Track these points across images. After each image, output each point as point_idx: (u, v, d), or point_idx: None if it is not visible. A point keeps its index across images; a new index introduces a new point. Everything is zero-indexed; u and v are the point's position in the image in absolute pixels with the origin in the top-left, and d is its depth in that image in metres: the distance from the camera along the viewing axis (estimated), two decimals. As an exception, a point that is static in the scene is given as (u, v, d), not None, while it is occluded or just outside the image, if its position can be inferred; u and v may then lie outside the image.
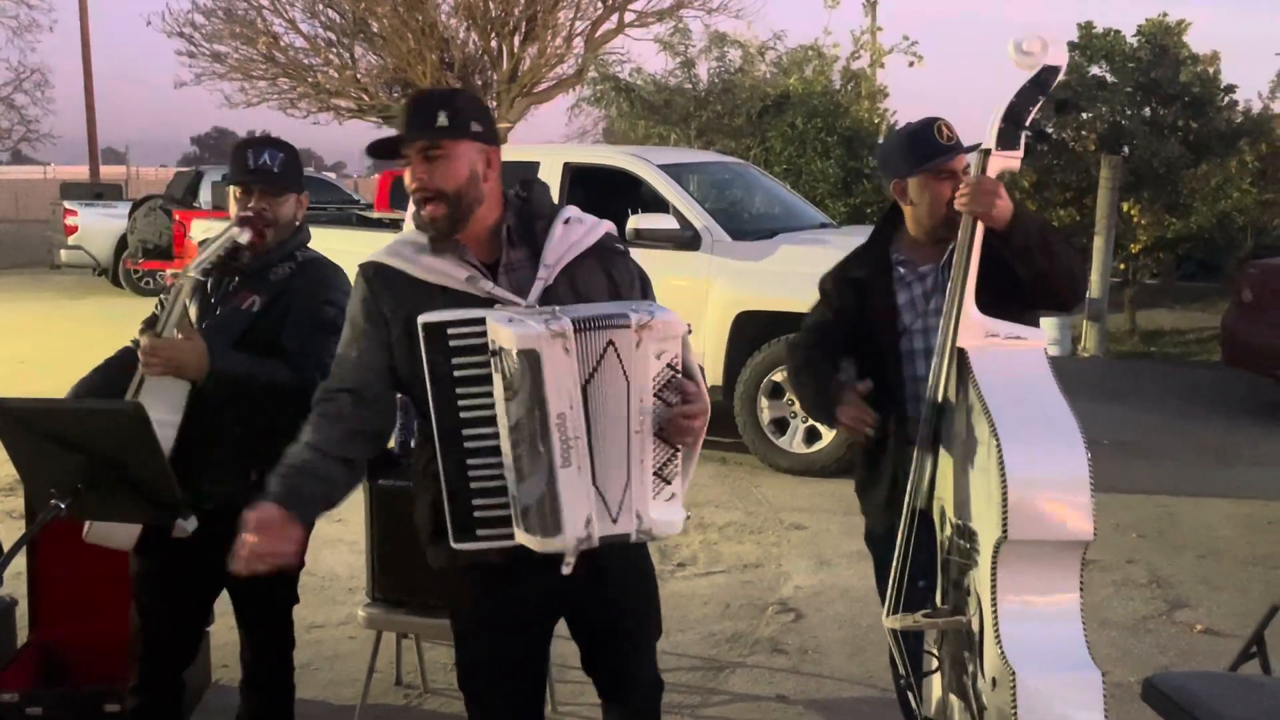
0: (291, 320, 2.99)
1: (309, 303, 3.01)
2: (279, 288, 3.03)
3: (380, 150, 2.48)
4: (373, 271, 2.51)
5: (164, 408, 2.79)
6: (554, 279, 2.46)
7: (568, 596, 2.54)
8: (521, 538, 2.33)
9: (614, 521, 2.35)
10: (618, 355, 2.30)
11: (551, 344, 2.25)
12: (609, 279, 2.52)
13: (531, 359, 2.24)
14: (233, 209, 3.08)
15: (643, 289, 2.59)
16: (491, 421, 2.33)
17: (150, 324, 2.99)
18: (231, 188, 3.10)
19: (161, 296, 3.16)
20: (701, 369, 2.55)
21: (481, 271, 2.44)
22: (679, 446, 2.41)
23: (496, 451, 2.33)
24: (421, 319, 2.33)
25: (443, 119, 2.40)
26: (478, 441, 2.35)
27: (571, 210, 2.58)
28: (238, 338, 2.95)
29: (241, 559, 2.32)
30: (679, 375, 2.38)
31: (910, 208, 3.08)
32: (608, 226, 2.61)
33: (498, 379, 2.29)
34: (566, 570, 2.37)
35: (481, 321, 2.30)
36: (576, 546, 2.32)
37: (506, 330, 2.25)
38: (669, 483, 2.40)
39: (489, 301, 2.40)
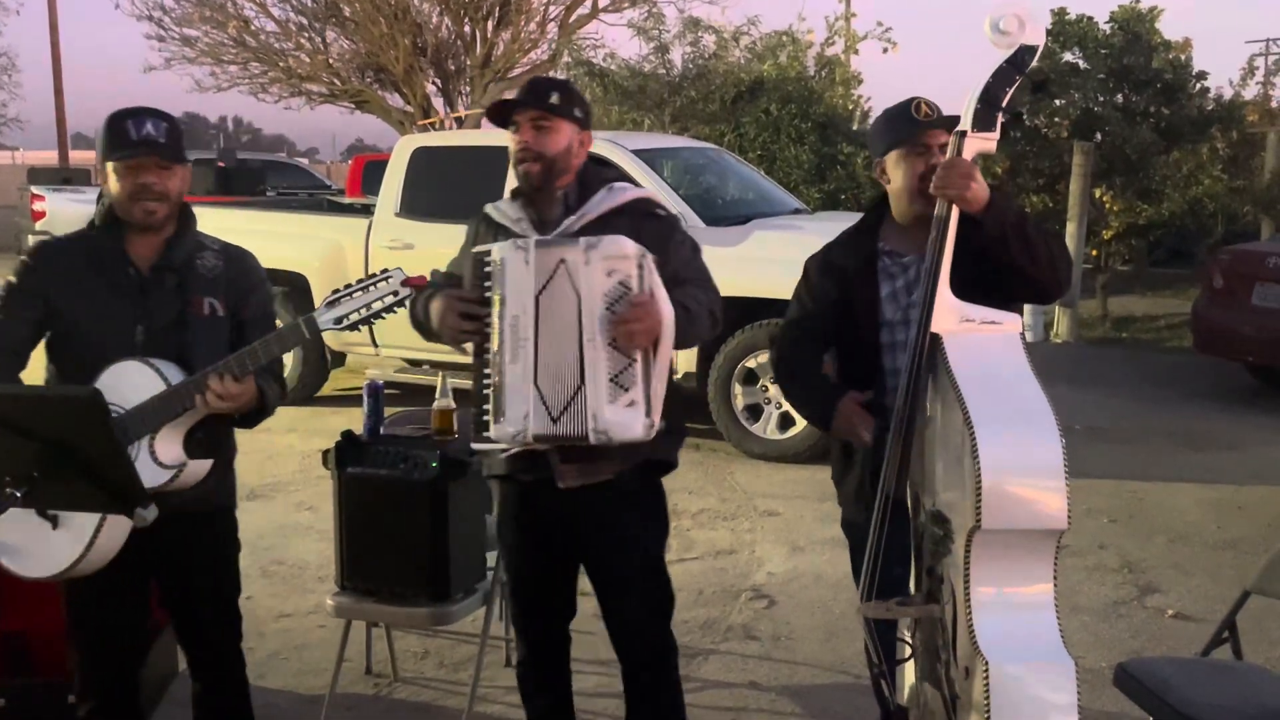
0: (253, 322, 2.96)
1: (262, 302, 3.00)
2: (219, 286, 2.93)
3: (496, 112, 2.97)
4: (479, 216, 3.09)
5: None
6: (579, 228, 2.88)
7: (575, 531, 2.98)
8: (489, 430, 2.73)
9: (554, 421, 2.69)
10: (568, 272, 2.69)
11: (515, 255, 2.72)
12: (637, 234, 2.80)
13: (499, 266, 2.73)
14: (114, 187, 2.82)
15: (682, 250, 2.96)
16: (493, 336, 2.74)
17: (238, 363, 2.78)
18: (109, 165, 2.81)
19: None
20: (711, 315, 2.92)
21: (532, 221, 2.94)
22: (634, 356, 2.68)
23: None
24: (472, 250, 2.86)
25: (555, 99, 2.91)
26: (487, 354, 2.76)
27: (621, 183, 3.04)
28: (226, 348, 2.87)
29: None
30: (631, 291, 2.67)
31: (890, 188, 3.06)
32: (649, 194, 3.06)
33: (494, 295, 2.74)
34: (562, 484, 2.84)
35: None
36: (513, 437, 2.71)
37: (494, 248, 2.76)
38: (626, 389, 2.68)
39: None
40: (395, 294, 2.75)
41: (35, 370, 3.01)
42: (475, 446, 2.83)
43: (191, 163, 3.04)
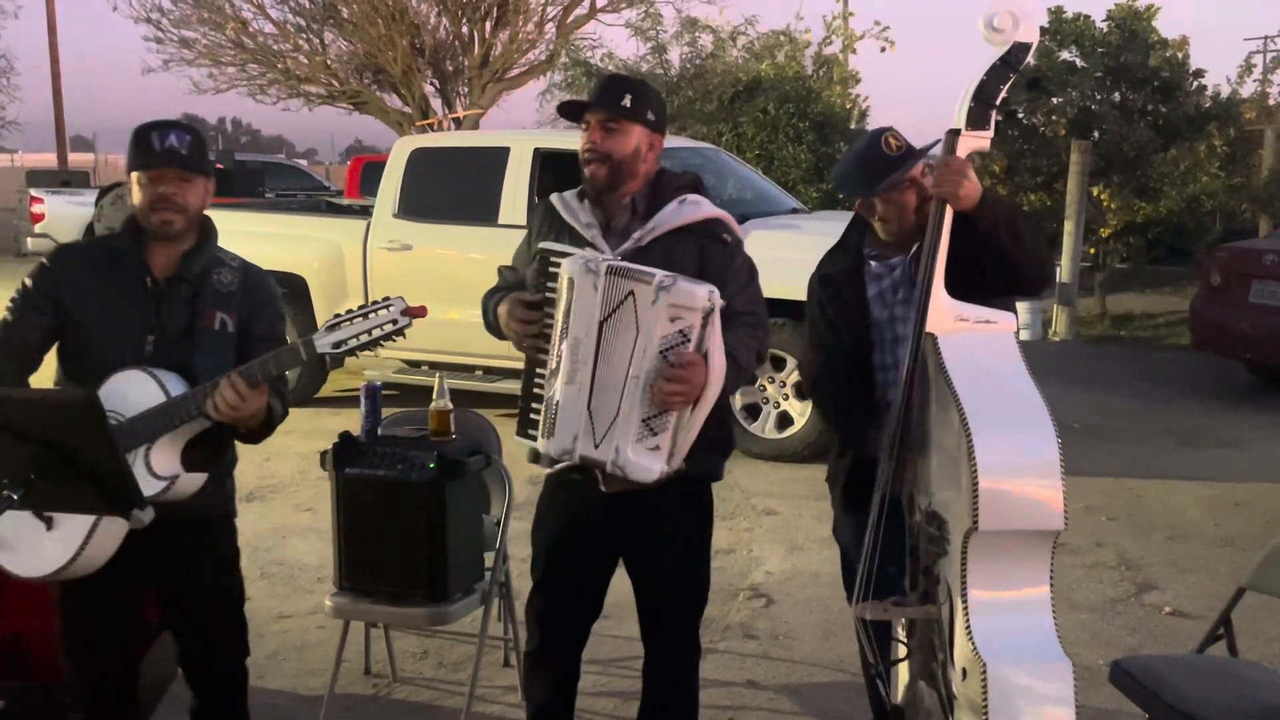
0: (260, 339, 2.93)
1: (272, 320, 2.99)
2: (233, 302, 2.93)
3: (569, 111, 2.98)
4: (543, 205, 3.04)
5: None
6: (648, 243, 2.85)
7: (619, 531, 2.99)
8: (538, 441, 2.80)
9: (596, 446, 2.73)
10: (634, 305, 2.68)
11: (585, 279, 2.70)
12: (700, 257, 2.85)
13: (569, 286, 2.72)
14: (137, 197, 2.86)
15: (739, 276, 2.92)
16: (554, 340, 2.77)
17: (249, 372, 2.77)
18: (134, 174, 2.85)
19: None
20: (757, 357, 2.92)
21: (600, 225, 2.89)
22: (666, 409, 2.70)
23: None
24: (540, 244, 2.85)
25: (627, 101, 2.86)
26: (544, 354, 2.79)
27: (694, 195, 2.96)
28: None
29: None
30: (689, 343, 2.67)
31: (880, 222, 3.08)
32: (721, 215, 2.95)
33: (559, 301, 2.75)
34: (606, 489, 2.83)
35: (567, 254, 2.76)
36: (561, 455, 2.76)
37: (565, 262, 2.74)
38: (655, 434, 2.72)
39: (591, 248, 2.83)
40: (394, 322, 2.73)
41: (46, 374, 3.03)
42: (518, 439, 2.90)
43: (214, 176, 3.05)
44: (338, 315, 2.77)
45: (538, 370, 2.81)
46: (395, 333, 2.75)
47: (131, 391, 2.77)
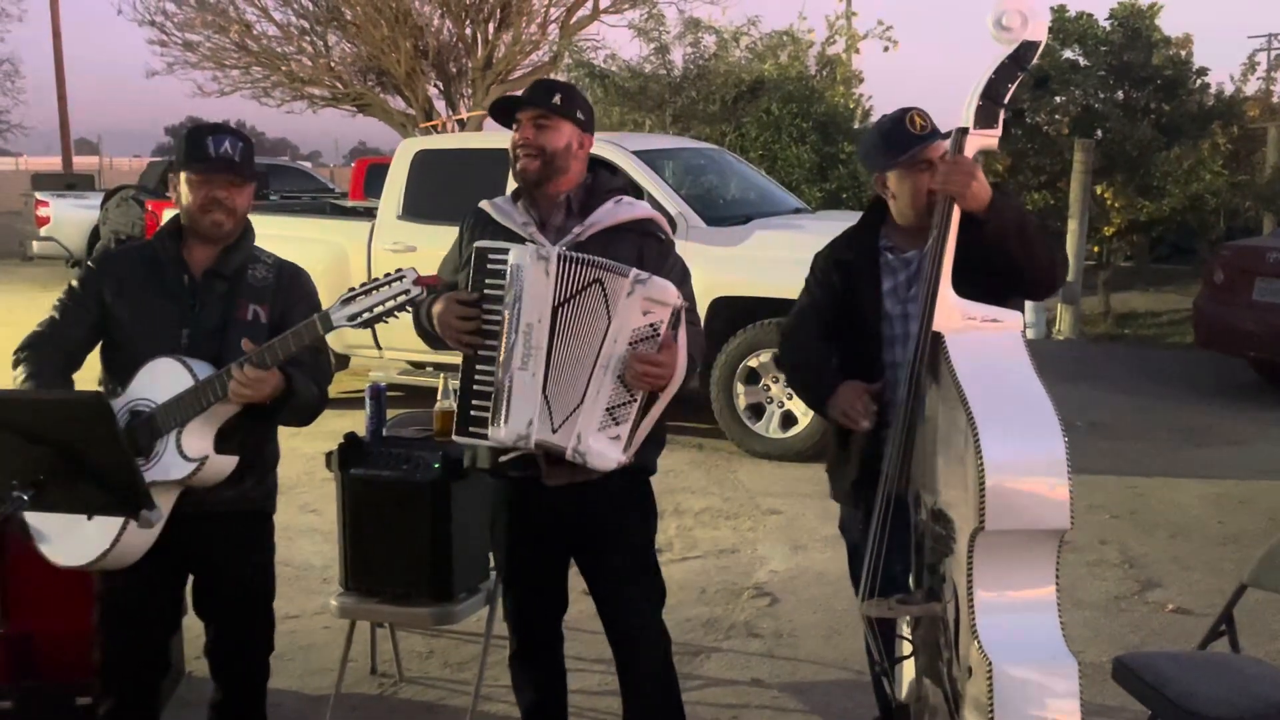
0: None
1: (307, 313, 3.00)
2: (267, 295, 3.02)
3: (500, 110, 3.05)
4: (473, 212, 3.11)
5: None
6: (586, 239, 2.90)
7: (565, 526, 3.02)
8: (489, 430, 2.78)
9: (554, 431, 2.77)
10: (604, 296, 2.75)
11: (535, 265, 2.76)
12: (638, 254, 2.91)
13: (516, 272, 2.76)
14: (184, 196, 2.97)
15: (674, 274, 2.93)
16: (499, 335, 2.77)
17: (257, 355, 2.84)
18: (183, 174, 2.97)
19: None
20: (694, 358, 2.93)
21: (536, 222, 2.95)
22: (635, 395, 2.77)
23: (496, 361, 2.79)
24: (475, 244, 2.88)
25: (557, 99, 2.96)
26: (488, 350, 2.80)
27: (628, 195, 3.06)
28: None
29: None
30: (658, 338, 2.75)
31: (893, 200, 3.08)
32: (655, 216, 3.05)
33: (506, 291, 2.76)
34: (549, 482, 2.88)
35: (507, 249, 2.80)
36: (516, 440, 2.77)
37: (513, 251, 2.79)
38: (617, 423, 2.78)
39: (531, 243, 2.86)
40: (407, 293, 2.79)
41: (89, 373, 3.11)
42: (459, 439, 2.88)
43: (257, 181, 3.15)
44: (351, 289, 2.84)
45: (479, 367, 2.81)
46: (409, 302, 2.80)
47: (163, 379, 2.87)
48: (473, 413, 2.81)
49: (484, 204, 3.09)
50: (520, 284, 2.75)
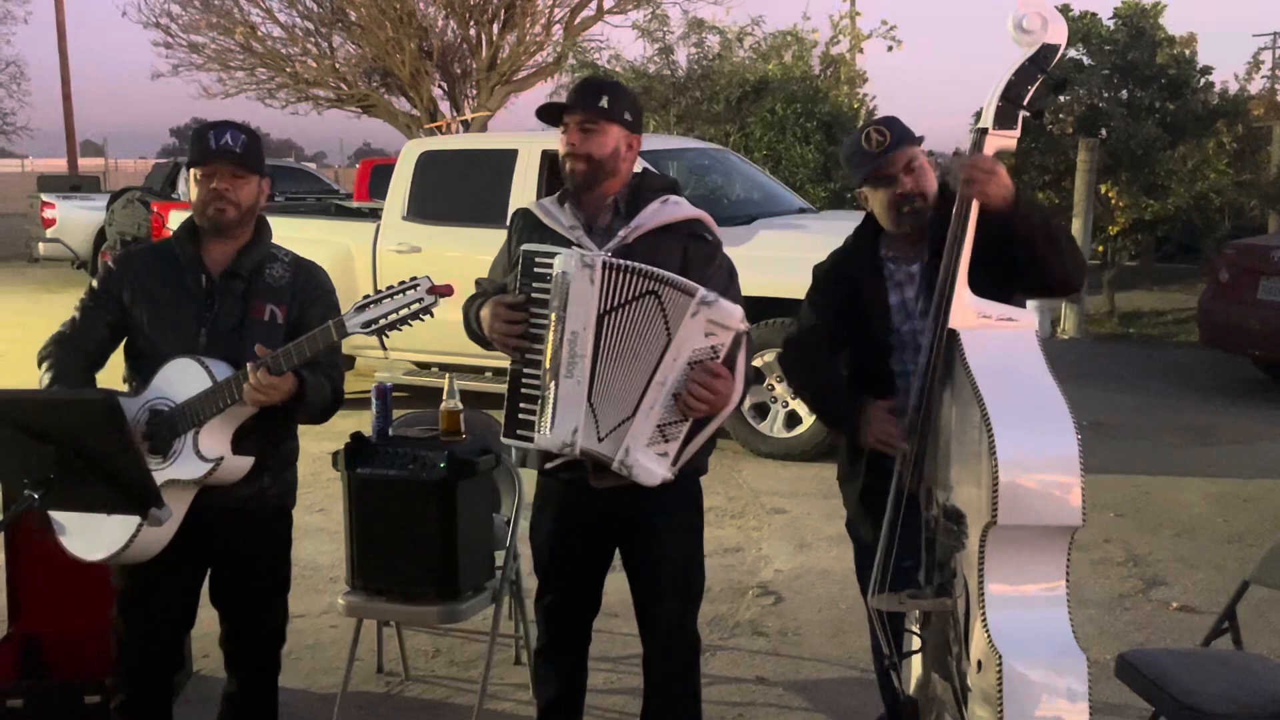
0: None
1: (325, 313, 3.03)
2: (284, 295, 3.05)
3: (547, 114, 2.98)
4: (521, 213, 3.07)
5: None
6: (633, 241, 2.89)
7: (613, 522, 3.02)
8: (535, 436, 2.77)
9: (600, 440, 2.76)
10: (663, 311, 2.73)
11: (580, 273, 2.72)
12: (683, 255, 2.90)
13: (562, 280, 2.72)
14: (194, 194, 3.01)
15: (720, 275, 2.94)
16: (545, 340, 2.76)
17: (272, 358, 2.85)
18: (192, 171, 3.01)
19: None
20: (748, 378, 2.89)
21: (583, 226, 2.92)
22: (687, 417, 2.75)
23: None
24: (523, 247, 2.84)
25: (604, 102, 2.90)
26: (534, 354, 2.78)
27: (675, 195, 3.03)
28: None
29: None
30: (718, 361, 2.74)
31: (874, 210, 3.13)
32: (702, 216, 3.03)
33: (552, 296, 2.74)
34: (595, 484, 2.86)
35: (554, 254, 2.76)
36: (561, 447, 2.75)
37: (559, 257, 2.74)
38: (667, 440, 2.77)
39: (578, 247, 2.83)
40: (421, 301, 2.79)
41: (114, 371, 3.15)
42: (506, 441, 2.87)
43: (270, 176, 3.17)
44: (366, 296, 2.85)
45: (526, 371, 2.79)
46: (423, 310, 2.80)
47: (182, 379, 2.90)
48: (520, 415, 2.80)
49: (531, 205, 3.07)
50: (565, 290, 2.73)
